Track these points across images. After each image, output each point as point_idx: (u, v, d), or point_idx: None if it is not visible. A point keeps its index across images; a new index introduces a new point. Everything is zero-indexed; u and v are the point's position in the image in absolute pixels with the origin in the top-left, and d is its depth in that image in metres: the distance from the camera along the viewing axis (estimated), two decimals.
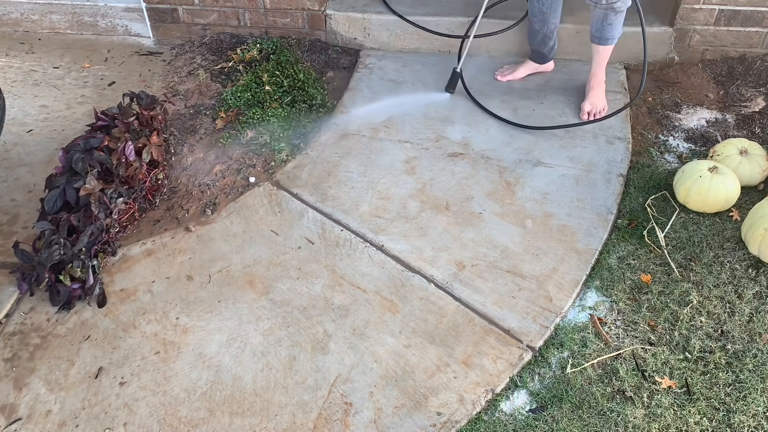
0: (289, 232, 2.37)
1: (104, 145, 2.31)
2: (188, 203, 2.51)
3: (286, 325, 2.07)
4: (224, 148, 2.73)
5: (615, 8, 2.54)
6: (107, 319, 2.10)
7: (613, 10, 2.55)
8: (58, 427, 1.84)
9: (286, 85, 2.92)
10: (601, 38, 2.67)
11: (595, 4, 2.56)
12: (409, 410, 1.84)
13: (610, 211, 2.40)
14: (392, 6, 3.21)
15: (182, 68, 3.19)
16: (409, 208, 2.44)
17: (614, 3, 2.52)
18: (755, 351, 1.95)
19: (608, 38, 2.66)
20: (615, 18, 2.59)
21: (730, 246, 2.26)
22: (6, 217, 2.45)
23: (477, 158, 2.64)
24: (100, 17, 3.41)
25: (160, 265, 2.27)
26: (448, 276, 2.19)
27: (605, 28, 2.63)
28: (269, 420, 1.83)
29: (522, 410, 1.85)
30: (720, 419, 1.80)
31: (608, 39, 2.66)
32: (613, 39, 2.67)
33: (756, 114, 2.79)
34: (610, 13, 2.57)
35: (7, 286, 2.20)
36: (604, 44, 2.69)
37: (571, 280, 2.17)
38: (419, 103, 2.90)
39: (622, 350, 1.98)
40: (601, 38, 2.67)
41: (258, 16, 3.28)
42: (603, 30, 2.64)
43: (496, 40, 3.15)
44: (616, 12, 2.56)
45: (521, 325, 2.04)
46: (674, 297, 2.11)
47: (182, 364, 1.97)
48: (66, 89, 3.09)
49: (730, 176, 2.32)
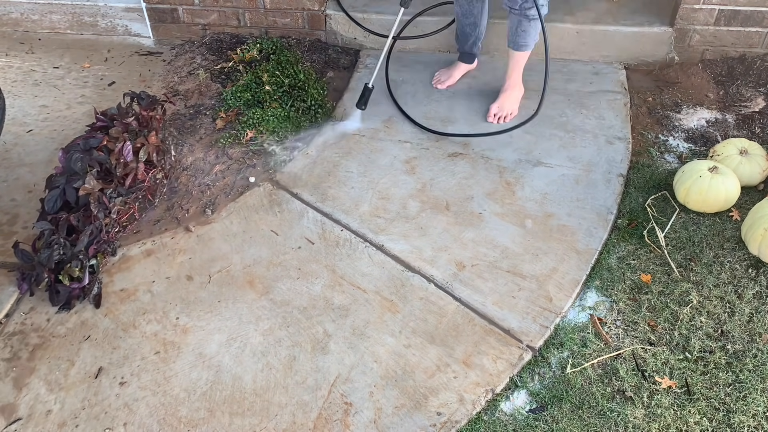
0: (289, 232, 2.37)
1: (103, 145, 2.31)
2: (188, 203, 2.51)
3: (286, 325, 2.07)
4: (224, 148, 2.73)
5: (528, 15, 2.51)
6: (107, 319, 2.10)
7: (526, 18, 2.52)
8: (58, 427, 1.83)
9: (286, 85, 2.92)
10: (515, 44, 2.64)
11: (510, 9, 2.55)
12: (409, 410, 1.84)
13: (610, 211, 2.40)
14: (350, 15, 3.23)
15: (182, 68, 3.19)
16: (409, 208, 2.44)
17: (527, 10, 2.49)
18: (755, 351, 1.95)
19: (522, 45, 2.63)
20: (528, 25, 2.55)
21: (730, 246, 2.26)
22: (6, 217, 2.45)
23: (477, 158, 2.64)
24: (100, 17, 3.41)
25: (160, 265, 2.27)
26: (448, 276, 2.19)
27: (519, 34, 2.60)
28: (269, 420, 1.83)
29: (522, 410, 1.85)
30: (720, 419, 1.80)
31: (522, 45, 2.63)
32: (527, 46, 2.64)
33: (756, 114, 2.79)
34: (524, 20, 2.54)
35: (7, 286, 2.20)
36: (518, 50, 2.66)
37: (571, 280, 2.17)
38: (336, 130, 2.80)
39: (622, 350, 1.98)
40: (515, 44, 2.64)
41: (258, 16, 3.28)
42: (517, 36, 2.61)
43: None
44: (530, 19, 2.53)
45: (521, 325, 2.04)
46: (674, 297, 2.11)
47: (182, 364, 1.97)
48: (66, 89, 3.09)
49: (730, 176, 2.32)
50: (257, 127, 2.78)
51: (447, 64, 3.07)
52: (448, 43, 3.19)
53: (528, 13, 2.51)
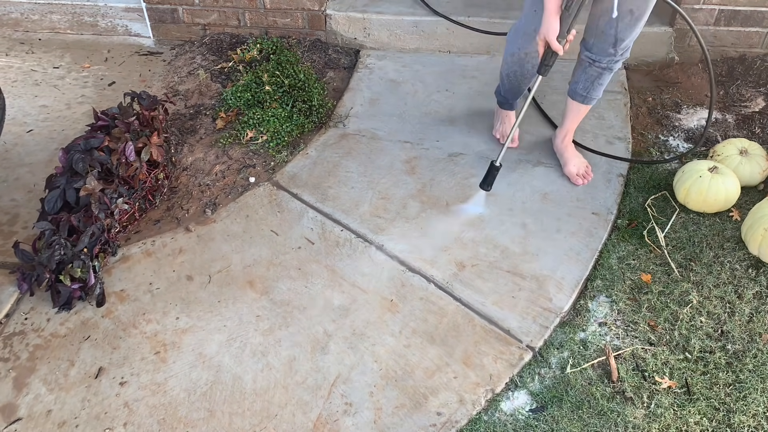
0: (289, 232, 2.37)
1: (104, 146, 2.31)
2: (188, 203, 2.51)
3: (286, 325, 2.07)
4: (224, 148, 2.73)
5: (612, 69, 2.30)
6: (107, 319, 2.10)
7: (610, 71, 2.31)
8: (58, 427, 1.83)
9: (286, 85, 2.92)
10: (587, 98, 2.39)
11: (591, 62, 2.29)
12: (409, 410, 1.84)
13: (610, 211, 2.40)
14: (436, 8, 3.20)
15: (182, 68, 3.19)
16: (409, 208, 2.44)
17: (616, 62, 2.27)
18: (755, 351, 1.95)
19: (595, 98, 2.40)
20: (608, 77, 2.34)
21: (730, 246, 2.26)
22: (6, 217, 2.45)
23: (477, 158, 2.64)
24: (100, 17, 3.42)
25: (160, 265, 2.27)
26: (448, 276, 2.19)
27: (596, 88, 2.36)
28: (269, 420, 1.83)
29: (522, 410, 1.85)
30: (720, 419, 1.80)
31: (595, 99, 2.41)
32: (598, 98, 2.42)
33: (756, 114, 2.79)
34: (606, 73, 2.32)
35: (7, 286, 2.20)
36: (588, 103, 2.42)
37: (571, 280, 2.17)
38: (461, 216, 2.42)
39: (622, 350, 1.98)
40: (587, 98, 2.39)
41: (258, 16, 3.28)
42: (593, 90, 2.36)
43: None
44: (612, 72, 2.32)
45: (521, 325, 2.04)
46: (674, 297, 2.11)
47: (182, 364, 1.97)
48: (66, 89, 3.09)
49: (730, 176, 2.32)
50: (257, 127, 2.78)
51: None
52: (448, 43, 3.19)
53: (614, 66, 2.28)
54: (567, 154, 2.54)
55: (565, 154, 2.54)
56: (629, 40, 2.19)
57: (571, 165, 2.52)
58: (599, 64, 2.28)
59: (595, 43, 2.25)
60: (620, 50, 2.22)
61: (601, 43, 2.22)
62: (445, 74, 3.07)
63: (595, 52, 2.26)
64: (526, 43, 2.33)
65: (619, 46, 2.20)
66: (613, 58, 2.25)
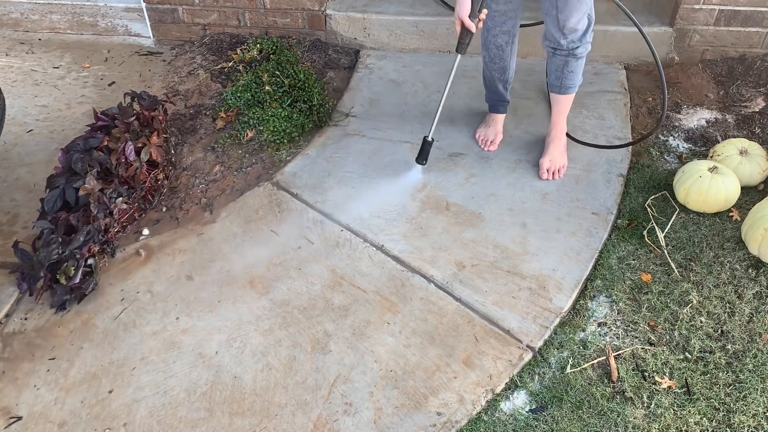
0: (289, 232, 2.37)
1: (104, 145, 2.31)
2: (188, 203, 2.51)
3: (286, 325, 2.07)
4: (224, 148, 2.73)
5: (576, 54, 2.32)
6: (107, 320, 2.10)
7: (575, 57, 2.32)
8: (58, 427, 1.83)
9: (286, 85, 2.92)
10: (561, 87, 2.42)
11: (554, 50, 2.33)
12: (409, 410, 1.84)
13: (610, 211, 2.40)
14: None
15: (182, 68, 3.19)
16: (409, 208, 2.44)
17: (576, 48, 2.30)
18: (755, 351, 1.95)
19: (570, 86, 2.41)
20: (576, 65, 2.35)
21: (730, 246, 2.26)
22: (6, 217, 2.45)
23: (477, 158, 2.64)
24: (100, 17, 3.42)
25: (160, 265, 2.27)
26: (448, 276, 2.19)
27: (567, 76, 2.38)
28: (269, 420, 1.83)
29: (522, 410, 1.85)
30: (720, 419, 1.80)
31: (570, 87, 2.41)
32: (575, 87, 2.42)
33: (756, 114, 2.79)
34: (571, 60, 2.33)
35: (7, 286, 2.20)
36: (565, 93, 2.43)
37: (571, 280, 2.17)
38: (395, 186, 2.54)
39: (622, 350, 1.98)
40: (561, 87, 2.42)
41: (258, 16, 3.28)
42: (564, 78, 2.38)
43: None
44: (577, 58, 2.33)
45: (521, 325, 2.04)
46: (674, 297, 2.11)
47: (182, 364, 1.97)
48: (66, 89, 3.09)
49: (730, 176, 2.32)
50: (257, 127, 2.78)
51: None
52: (448, 43, 3.19)
53: (576, 52, 2.31)
54: (550, 148, 2.56)
55: (549, 147, 2.57)
56: (573, 22, 2.22)
57: (547, 158, 2.54)
58: (560, 51, 2.34)
59: (548, 30, 2.32)
60: (567, 33, 2.26)
61: (551, 27, 2.29)
62: (446, 74, 3.06)
63: (549, 38, 2.34)
64: (484, 30, 2.48)
65: (564, 28, 2.25)
66: (567, 43, 2.29)
